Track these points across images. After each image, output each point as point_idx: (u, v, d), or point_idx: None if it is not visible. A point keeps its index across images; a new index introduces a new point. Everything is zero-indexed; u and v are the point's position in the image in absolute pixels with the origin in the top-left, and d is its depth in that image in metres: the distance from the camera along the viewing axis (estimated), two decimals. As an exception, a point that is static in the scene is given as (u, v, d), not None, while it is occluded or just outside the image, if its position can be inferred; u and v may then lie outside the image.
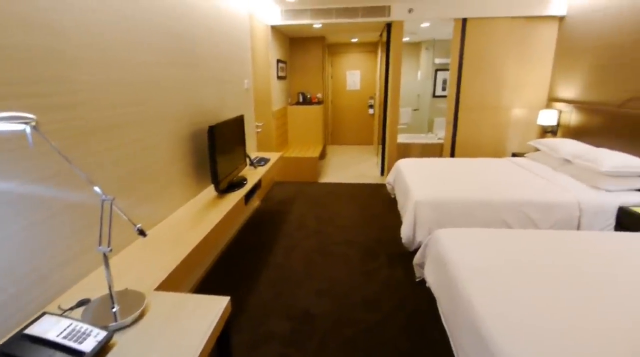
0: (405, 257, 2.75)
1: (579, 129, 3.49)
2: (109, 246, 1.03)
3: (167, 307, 1.13)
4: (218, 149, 2.18)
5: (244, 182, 2.54)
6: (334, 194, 4.35)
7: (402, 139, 4.98)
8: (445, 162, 3.60)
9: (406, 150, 4.79)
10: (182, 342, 0.98)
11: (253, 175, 2.75)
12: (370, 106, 7.27)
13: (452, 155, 4.56)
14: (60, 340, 0.91)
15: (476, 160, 3.67)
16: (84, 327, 0.96)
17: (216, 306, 1.14)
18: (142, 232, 1.12)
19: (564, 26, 3.92)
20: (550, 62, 4.13)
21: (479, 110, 4.38)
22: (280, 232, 3.28)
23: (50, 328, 0.94)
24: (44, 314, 0.99)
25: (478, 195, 2.56)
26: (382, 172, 5.18)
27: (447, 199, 2.54)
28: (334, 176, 5.22)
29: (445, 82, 6.34)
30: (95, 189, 1.04)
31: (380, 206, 3.94)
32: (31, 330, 0.93)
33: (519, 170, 3.23)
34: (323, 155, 6.40)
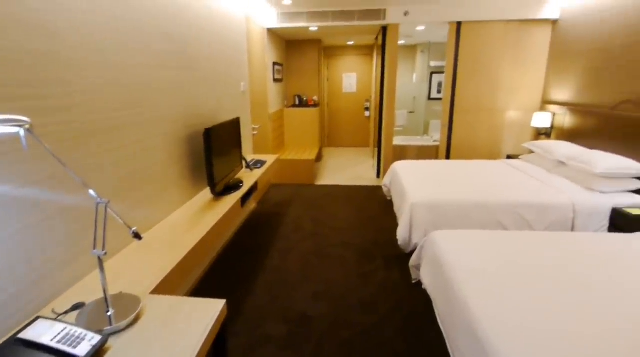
0: (401, 259, 2.75)
1: (572, 131, 3.52)
2: (103, 249, 1.03)
3: (163, 310, 1.13)
4: (214, 151, 2.18)
5: (240, 185, 2.53)
6: (330, 197, 4.35)
7: (398, 141, 4.99)
8: (441, 164, 3.61)
9: (402, 153, 4.81)
10: (178, 346, 0.98)
11: (249, 178, 2.74)
12: (367, 109, 7.29)
13: (448, 157, 4.58)
14: (54, 344, 0.90)
15: (471, 162, 3.69)
16: (79, 331, 0.95)
17: (212, 309, 1.14)
18: (138, 236, 1.11)
19: (557, 30, 3.97)
20: (544, 65, 4.17)
21: (474, 112, 4.41)
22: (277, 234, 3.28)
23: (44, 332, 0.93)
24: (38, 318, 0.98)
25: (474, 197, 2.57)
26: (378, 175, 5.19)
27: (443, 201, 2.55)
28: (331, 178, 5.22)
29: (440, 84, 6.38)
30: (90, 192, 1.03)
31: (377, 208, 3.95)
32: (25, 334, 0.92)
33: (514, 172, 3.25)
34: (319, 158, 6.41)
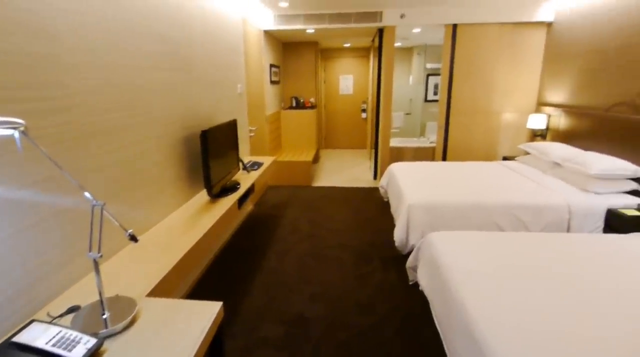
0: (398, 260, 2.75)
1: (567, 133, 3.55)
2: (99, 251, 1.02)
3: (159, 313, 1.12)
4: (211, 153, 2.17)
5: (237, 187, 2.53)
6: (327, 198, 4.35)
7: (395, 143, 5.01)
8: (438, 165, 3.63)
9: (399, 154, 4.82)
10: (174, 349, 0.97)
11: (246, 180, 2.74)
12: (363, 110, 7.31)
13: (444, 159, 4.60)
14: (49, 348, 0.89)
15: (468, 163, 3.71)
16: (74, 334, 0.94)
17: (209, 311, 1.13)
18: (134, 238, 1.11)
19: (551, 32, 4.00)
20: (539, 67, 4.20)
21: (470, 114, 4.43)
22: (274, 236, 3.27)
23: (38, 336, 0.92)
24: (33, 322, 0.98)
25: (470, 198, 2.58)
26: (375, 176, 5.20)
27: (440, 202, 2.56)
28: (328, 180, 5.23)
29: (436, 86, 6.41)
30: (86, 194, 1.03)
31: (374, 209, 3.95)
32: (19, 338, 0.91)
33: (510, 173, 3.27)
34: (316, 159, 6.41)
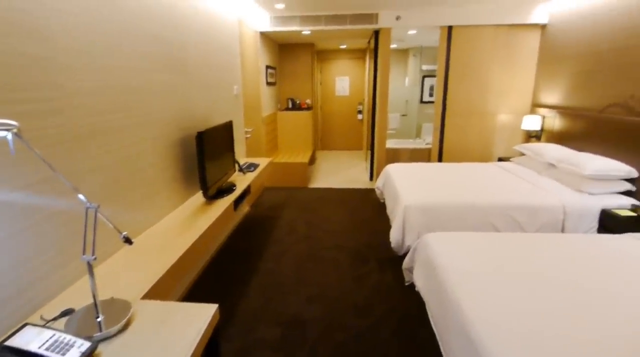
0: (394, 261, 2.76)
1: (562, 134, 3.58)
2: (93, 254, 1.01)
3: (154, 316, 1.11)
4: (207, 155, 2.17)
5: (233, 188, 2.52)
6: (323, 199, 4.35)
7: (391, 144, 5.02)
8: (434, 167, 3.64)
9: (395, 156, 4.83)
10: (169, 352, 0.96)
11: (242, 181, 2.73)
12: (359, 112, 7.33)
13: (440, 160, 4.61)
14: (42, 352, 0.88)
15: (463, 165, 3.72)
16: (67, 337, 0.93)
17: (204, 313, 1.13)
18: (128, 240, 1.10)
19: (546, 34, 4.03)
20: (534, 68, 4.24)
21: (466, 115, 4.46)
22: (270, 237, 3.26)
23: (32, 339, 0.91)
24: (26, 325, 0.97)
25: (466, 199, 2.60)
26: (371, 177, 5.21)
27: (436, 203, 2.57)
28: (324, 181, 5.23)
29: (432, 88, 6.44)
30: (80, 196, 1.02)
31: (370, 210, 3.96)
32: (12, 342, 0.90)
33: (506, 174, 3.29)
34: (313, 161, 6.41)
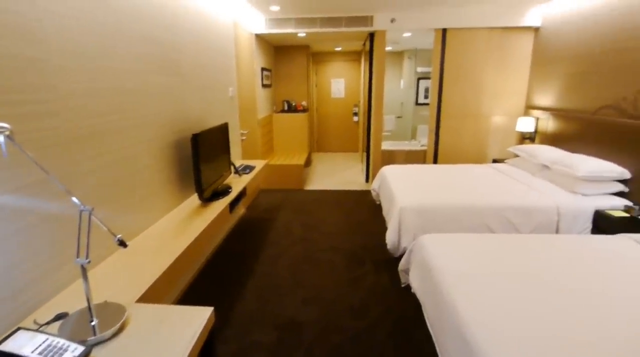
0: (390, 263, 2.76)
1: (555, 136, 3.61)
2: (87, 257, 1.01)
3: (149, 319, 1.10)
4: (202, 157, 2.16)
5: (228, 190, 2.52)
6: (319, 201, 4.35)
7: (386, 146, 5.04)
8: (429, 168, 3.65)
9: (390, 157, 4.85)
10: (164, 355, 0.96)
11: (238, 183, 2.73)
12: (355, 114, 7.34)
13: (435, 161, 4.63)
14: (35, 356, 0.87)
15: (458, 166, 3.74)
16: (61, 342, 0.93)
17: (199, 316, 1.12)
18: (123, 243, 1.09)
19: (539, 36, 4.07)
20: (527, 71, 4.28)
21: (460, 117, 4.48)
22: (266, 240, 3.26)
23: (25, 344, 0.90)
24: (19, 329, 0.96)
25: (461, 200, 2.61)
26: (367, 179, 5.22)
27: (431, 205, 2.58)
28: (320, 183, 5.23)
29: (427, 90, 6.47)
30: (73, 199, 1.01)
31: (366, 212, 3.96)
32: (5, 346, 0.89)
33: (500, 176, 3.31)
34: (308, 163, 6.41)
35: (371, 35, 4.58)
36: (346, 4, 3.79)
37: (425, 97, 6.50)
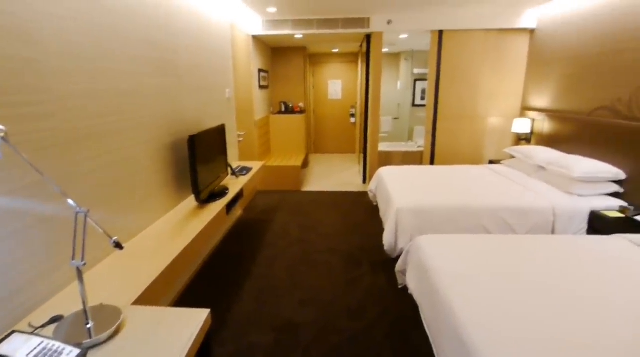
0: (388, 264, 2.76)
1: (551, 137, 3.63)
2: (83, 260, 1.00)
3: (145, 322, 1.10)
4: (199, 158, 2.16)
5: (225, 192, 2.51)
6: (316, 203, 4.35)
7: (383, 147, 5.05)
8: (426, 169, 3.66)
9: (387, 159, 4.86)
10: (161, 358, 0.95)
11: (235, 185, 2.72)
12: (352, 115, 7.36)
13: (432, 162, 4.65)
14: (30, 360, 0.87)
15: (455, 167, 3.75)
16: (56, 345, 0.92)
17: (196, 319, 1.12)
18: (119, 245, 1.09)
19: (534, 38, 4.10)
20: (523, 72, 4.30)
21: (457, 119, 4.50)
22: (263, 241, 3.25)
23: (19, 347, 0.90)
24: (13, 333, 0.95)
25: (458, 202, 2.61)
26: (364, 180, 5.23)
27: (428, 206, 2.58)
28: (317, 185, 5.23)
29: (424, 91, 6.50)
30: (69, 201, 1.01)
31: (363, 213, 3.97)
32: (-1, 350, 0.89)
33: (496, 177, 3.32)
34: (306, 164, 6.41)
35: (368, 37, 4.59)
36: (343, 6, 3.80)
37: (422, 98, 6.52)
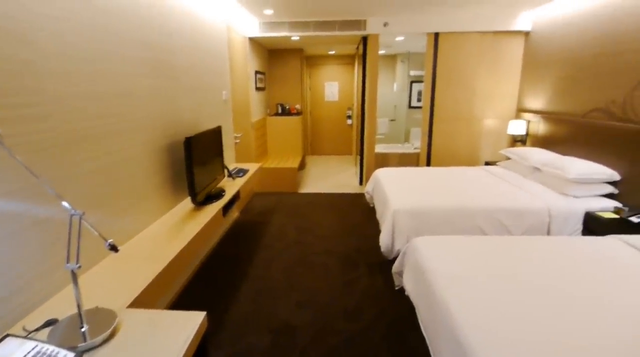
0: (384, 265, 2.76)
1: (546, 138, 3.65)
2: (77, 262, 0.99)
3: (140, 325, 1.09)
4: (195, 160, 2.15)
5: (222, 194, 2.51)
6: (313, 204, 4.35)
7: (380, 148, 5.06)
8: (422, 171, 3.67)
9: (384, 160, 4.87)
10: (156, 361, 0.95)
11: (231, 187, 2.72)
12: (349, 117, 7.37)
13: (428, 164, 4.66)
14: (24, 364, 0.86)
15: (451, 169, 3.77)
16: (50, 348, 0.91)
17: (192, 321, 1.11)
18: (114, 248, 1.08)
19: (529, 41, 4.13)
20: (518, 74, 4.33)
21: (453, 120, 4.52)
22: (260, 243, 3.24)
23: (13, 351, 0.89)
24: (7, 336, 0.94)
25: (454, 203, 2.62)
26: (361, 182, 5.23)
27: (425, 207, 2.59)
28: (314, 186, 5.23)
29: (420, 93, 6.52)
30: (64, 203, 1.00)
31: (360, 215, 3.97)
32: (-8, 354, 0.88)
33: (492, 178, 3.34)
34: (302, 166, 6.41)
35: (364, 39, 4.60)
36: (339, 8, 3.81)
37: (418, 100, 6.55)
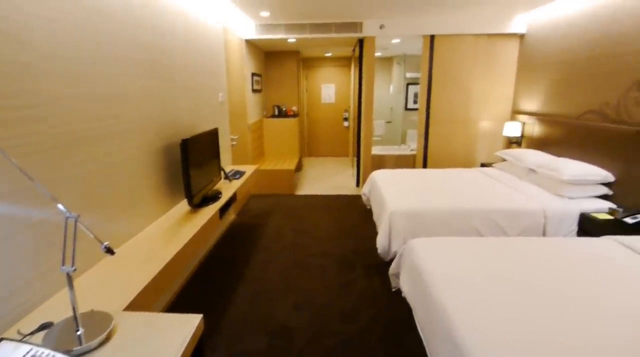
0: (381, 267, 2.77)
1: (541, 140, 3.68)
2: (73, 265, 0.99)
3: (136, 328, 1.09)
4: (191, 162, 2.15)
5: (218, 196, 2.50)
6: (310, 206, 4.35)
7: (377, 150, 5.08)
8: (419, 172, 3.69)
9: (381, 162, 4.88)
10: (153, 364, 0.94)
11: (228, 189, 2.71)
12: (345, 119, 7.38)
13: (425, 166, 4.68)
14: (18, 368, 0.85)
15: (448, 170, 3.79)
16: (45, 352, 0.91)
17: (188, 324, 1.11)
18: (110, 250, 1.08)
19: (524, 43, 4.17)
20: (513, 76, 4.36)
21: (449, 122, 4.54)
22: (257, 245, 3.24)
23: (8, 355, 0.88)
24: (2, 340, 0.93)
25: (450, 204, 2.63)
26: (358, 184, 5.24)
27: (421, 209, 2.60)
28: (310, 188, 5.23)
29: (416, 95, 6.55)
30: (59, 206, 0.99)
31: (356, 217, 3.97)
32: (-14, 358, 0.87)
33: (488, 180, 3.36)
34: (299, 168, 6.41)
35: (361, 41, 4.62)
36: (336, 10, 3.83)
37: (415, 102, 6.57)
